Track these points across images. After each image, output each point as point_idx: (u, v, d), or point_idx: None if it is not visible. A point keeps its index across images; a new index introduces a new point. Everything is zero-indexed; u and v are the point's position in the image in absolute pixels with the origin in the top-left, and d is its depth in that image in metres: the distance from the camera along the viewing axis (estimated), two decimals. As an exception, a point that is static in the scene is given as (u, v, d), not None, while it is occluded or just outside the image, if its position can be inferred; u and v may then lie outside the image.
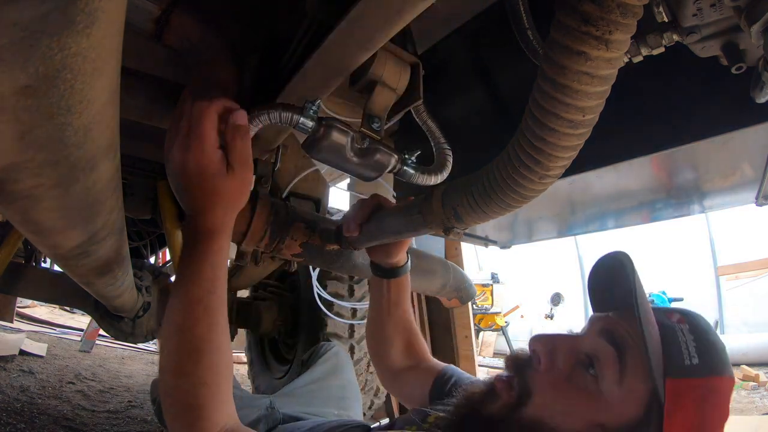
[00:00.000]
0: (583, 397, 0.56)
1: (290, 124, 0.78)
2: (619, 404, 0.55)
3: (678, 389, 0.53)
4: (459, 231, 0.72)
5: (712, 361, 0.55)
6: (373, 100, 0.85)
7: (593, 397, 0.55)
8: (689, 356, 0.54)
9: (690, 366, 0.54)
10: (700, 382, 0.54)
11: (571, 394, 0.56)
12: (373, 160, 0.84)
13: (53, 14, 0.30)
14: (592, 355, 0.57)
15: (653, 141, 0.85)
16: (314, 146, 0.80)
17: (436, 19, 1.13)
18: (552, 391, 0.57)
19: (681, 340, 0.55)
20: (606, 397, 0.55)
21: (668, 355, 0.54)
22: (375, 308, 1.03)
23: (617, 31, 0.46)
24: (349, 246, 0.96)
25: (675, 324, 0.57)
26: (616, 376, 0.55)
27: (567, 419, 0.55)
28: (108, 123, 0.52)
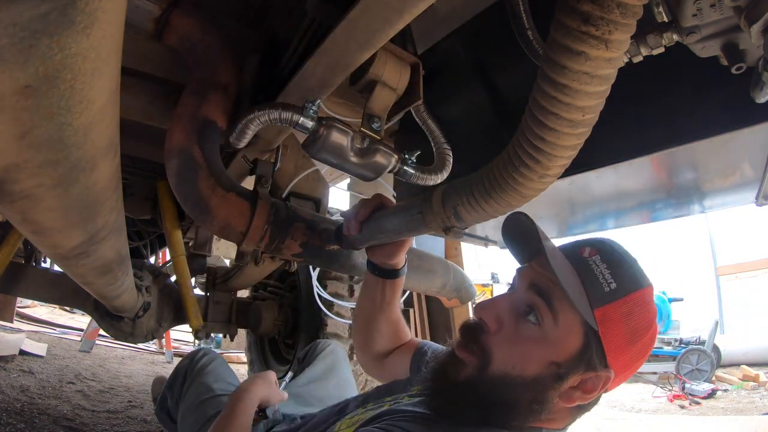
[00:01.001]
0: (532, 343, 0.64)
1: (290, 124, 0.78)
2: (562, 341, 0.62)
3: (605, 315, 0.60)
4: (459, 231, 0.72)
5: (627, 281, 0.62)
6: (373, 100, 0.85)
7: (540, 341, 0.63)
8: (607, 283, 0.61)
9: (609, 292, 0.61)
10: (622, 302, 0.61)
11: (522, 344, 0.64)
12: (373, 160, 0.84)
13: (53, 14, 0.30)
14: (529, 306, 0.65)
15: (653, 141, 0.85)
16: (314, 146, 0.80)
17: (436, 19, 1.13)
18: (507, 347, 0.65)
19: (596, 272, 0.62)
20: (550, 338, 0.63)
21: (588, 288, 0.61)
22: (367, 304, 1.05)
23: (617, 31, 0.46)
24: (349, 246, 0.96)
25: (588, 258, 0.64)
26: (550, 319, 0.63)
27: (526, 365, 0.63)
28: (108, 123, 0.52)
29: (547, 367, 0.62)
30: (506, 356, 0.64)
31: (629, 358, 0.63)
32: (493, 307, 0.68)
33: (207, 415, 1.16)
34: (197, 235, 2.30)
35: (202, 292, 2.41)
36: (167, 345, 4.71)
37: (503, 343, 0.65)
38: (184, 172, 0.94)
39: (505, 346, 0.65)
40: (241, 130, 0.86)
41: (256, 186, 1.06)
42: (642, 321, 0.62)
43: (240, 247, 1.03)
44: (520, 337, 0.64)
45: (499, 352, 0.65)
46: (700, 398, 6.27)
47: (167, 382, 1.46)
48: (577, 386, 0.63)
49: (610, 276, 0.62)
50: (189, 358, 1.45)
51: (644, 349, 0.64)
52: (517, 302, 0.67)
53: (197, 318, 2.01)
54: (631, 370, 0.65)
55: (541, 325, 0.63)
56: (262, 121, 0.81)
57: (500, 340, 0.65)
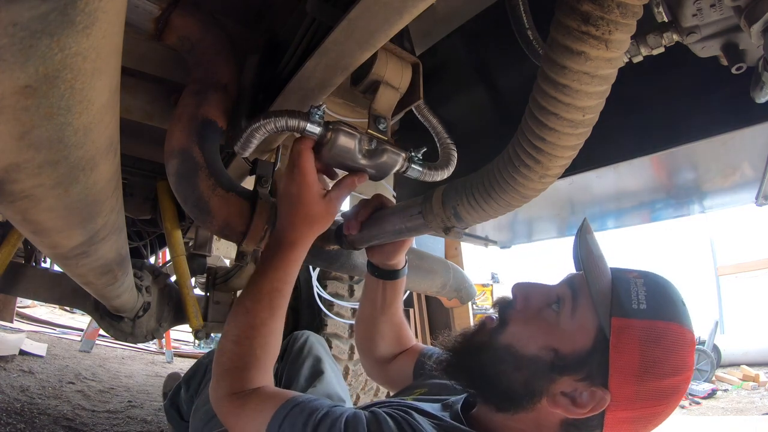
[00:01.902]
0: (544, 326, 0.66)
1: (297, 131, 0.78)
2: (571, 333, 0.63)
3: (622, 327, 0.59)
4: (459, 231, 0.72)
5: (659, 308, 0.61)
6: (377, 101, 0.85)
7: (552, 327, 0.65)
8: (637, 302, 0.61)
9: (636, 309, 0.60)
10: (645, 323, 0.59)
11: (534, 324, 0.67)
12: (382, 160, 0.84)
13: (53, 14, 0.30)
14: (558, 297, 0.67)
15: (653, 141, 0.85)
16: (322, 150, 0.81)
17: (436, 19, 1.13)
18: (522, 323, 0.68)
19: (632, 289, 0.62)
20: (562, 327, 0.64)
21: (616, 299, 0.61)
22: (368, 306, 1.04)
23: (617, 31, 0.46)
24: (349, 246, 0.96)
25: (630, 278, 0.64)
26: (569, 311, 0.65)
27: (528, 343, 0.65)
28: (108, 123, 0.52)
29: (546, 351, 0.64)
30: (517, 330, 0.68)
31: (635, 393, 0.59)
32: (528, 289, 0.71)
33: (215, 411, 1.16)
34: (197, 235, 2.30)
35: (202, 292, 2.41)
36: (167, 345, 4.71)
37: (521, 319, 0.69)
38: (184, 172, 0.94)
39: (521, 322, 0.68)
40: (247, 138, 0.86)
41: (256, 186, 1.06)
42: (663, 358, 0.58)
43: (240, 247, 1.03)
44: (536, 318, 0.67)
45: (513, 326, 0.69)
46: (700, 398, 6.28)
47: (186, 374, 1.47)
48: (567, 393, 0.62)
49: (644, 297, 0.61)
50: (209, 356, 1.46)
51: (659, 396, 0.59)
52: (550, 292, 0.69)
53: (197, 318, 2.02)
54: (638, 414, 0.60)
55: (560, 313, 0.65)
56: (268, 130, 0.81)
57: (520, 317, 0.69)
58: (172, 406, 1.48)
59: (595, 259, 0.66)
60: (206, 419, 1.16)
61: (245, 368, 0.74)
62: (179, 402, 1.46)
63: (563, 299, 0.66)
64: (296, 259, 0.82)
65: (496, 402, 0.68)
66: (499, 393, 0.67)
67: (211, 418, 1.15)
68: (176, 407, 1.47)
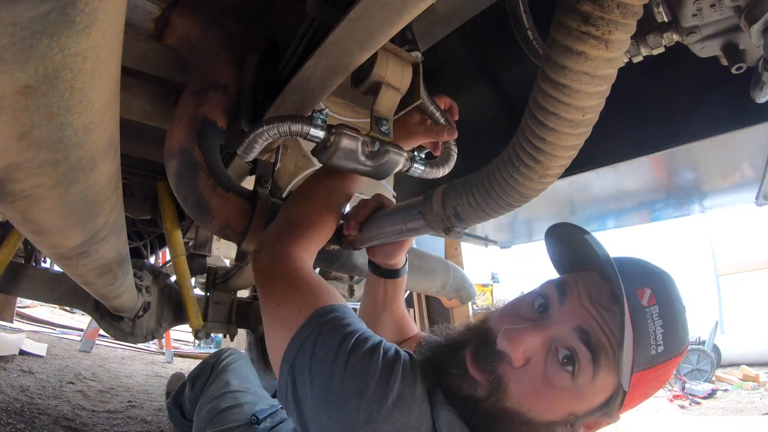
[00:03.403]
0: (559, 392, 0.58)
1: (300, 135, 0.78)
2: (591, 396, 0.59)
3: (640, 379, 0.58)
4: (459, 231, 0.72)
5: (674, 344, 0.59)
6: (379, 102, 0.85)
7: (568, 392, 0.58)
8: (656, 345, 0.57)
9: (655, 355, 0.57)
10: (660, 367, 0.58)
11: (548, 392, 0.59)
12: (384, 161, 0.85)
13: (53, 14, 0.30)
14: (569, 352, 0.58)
15: (653, 141, 0.85)
16: (325, 153, 0.81)
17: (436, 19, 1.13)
18: (529, 388, 0.59)
19: (650, 329, 0.57)
20: (580, 392, 0.59)
21: (637, 348, 0.56)
22: (370, 303, 1.06)
23: (617, 31, 0.46)
24: (349, 246, 0.96)
25: (646, 308, 0.58)
26: (590, 375, 0.58)
27: (544, 412, 0.59)
28: (108, 123, 0.52)
29: (565, 417, 0.60)
30: (525, 397, 0.59)
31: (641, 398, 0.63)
32: (523, 342, 0.60)
33: (219, 408, 1.17)
34: (197, 235, 2.30)
35: (202, 292, 2.41)
36: (167, 345, 4.71)
37: (525, 383, 0.59)
38: (184, 172, 0.94)
39: (527, 387, 0.59)
40: (250, 144, 0.85)
41: (256, 186, 1.06)
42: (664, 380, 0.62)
43: (240, 247, 1.03)
44: (547, 383, 0.59)
45: (516, 389, 0.59)
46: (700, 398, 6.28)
47: (191, 373, 1.47)
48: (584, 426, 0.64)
49: (661, 337, 0.58)
50: (216, 356, 1.47)
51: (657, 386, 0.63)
52: (554, 341, 0.59)
53: (197, 318, 2.01)
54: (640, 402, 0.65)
55: (576, 377, 0.58)
56: (271, 135, 0.81)
57: (522, 378, 0.59)
58: (175, 404, 1.49)
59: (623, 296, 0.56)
60: (209, 417, 1.16)
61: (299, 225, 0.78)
62: (182, 401, 1.47)
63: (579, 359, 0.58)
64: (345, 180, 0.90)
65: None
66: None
67: (214, 416, 1.15)
68: (179, 406, 1.48)
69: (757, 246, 8.24)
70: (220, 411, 1.16)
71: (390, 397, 0.54)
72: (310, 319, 0.60)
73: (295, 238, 0.76)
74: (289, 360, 0.59)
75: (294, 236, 0.76)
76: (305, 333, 0.59)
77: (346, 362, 0.55)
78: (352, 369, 0.55)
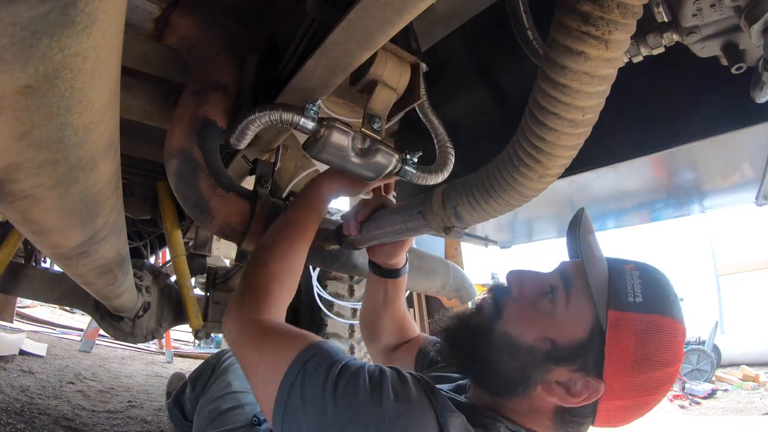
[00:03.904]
0: (540, 316, 0.66)
1: (290, 125, 0.78)
2: (567, 324, 0.64)
3: (618, 320, 0.60)
4: (459, 230, 0.72)
5: (655, 302, 0.62)
6: (373, 100, 0.85)
7: (548, 317, 0.66)
8: (633, 295, 0.62)
9: (632, 302, 0.61)
10: (641, 317, 0.60)
11: (531, 314, 0.67)
12: (374, 160, 0.84)
13: (53, 14, 0.30)
14: (551, 287, 0.68)
15: (653, 141, 0.85)
16: (315, 147, 0.80)
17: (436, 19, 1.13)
18: (518, 311, 0.69)
19: (628, 282, 0.63)
20: (557, 317, 0.65)
21: (612, 291, 0.62)
22: (371, 303, 1.07)
23: (617, 31, 0.46)
24: (349, 246, 0.96)
25: (626, 270, 0.65)
26: (563, 301, 0.65)
27: (526, 332, 0.66)
28: (108, 123, 0.52)
29: (542, 342, 0.64)
30: (514, 318, 0.68)
31: (629, 384, 0.61)
32: (522, 277, 0.71)
33: (220, 409, 1.17)
34: (197, 235, 2.30)
35: (202, 292, 2.41)
36: (167, 345, 4.71)
37: (517, 308, 0.69)
38: (184, 172, 0.94)
39: (517, 310, 0.69)
40: (242, 131, 0.87)
41: (256, 186, 1.06)
42: (658, 351, 0.60)
43: (240, 247, 1.03)
44: (532, 307, 0.68)
45: (509, 313, 0.69)
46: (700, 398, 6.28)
47: (192, 374, 1.47)
48: (562, 382, 0.63)
49: (639, 290, 0.62)
50: (217, 356, 1.47)
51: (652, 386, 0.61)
52: (543, 281, 0.70)
53: (197, 318, 2.02)
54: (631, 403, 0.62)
55: (554, 303, 0.66)
56: (262, 122, 0.81)
57: (515, 305, 0.69)
58: (176, 404, 1.49)
59: (592, 250, 0.67)
60: (210, 418, 1.16)
61: (265, 292, 0.77)
62: (183, 401, 1.47)
63: (556, 288, 0.67)
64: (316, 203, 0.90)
65: (490, 387, 0.69)
66: (494, 379, 0.67)
67: (215, 417, 1.15)
68: (180, 406, 1.48)
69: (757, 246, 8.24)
70: (221, 412, 1.16)
71: (386, 416, 0.55)
72: (291, 367, 0.62)
73: (257, 304, 0.76)
74: (281, 407, 0.61)
75: (255, 302, 0.76)
76: (289, 380, 0.61)
77: (334, 396, 0.58)
78: (341, 400, 0.57)
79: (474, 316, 0.74)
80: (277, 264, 0.81)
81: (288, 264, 0.82)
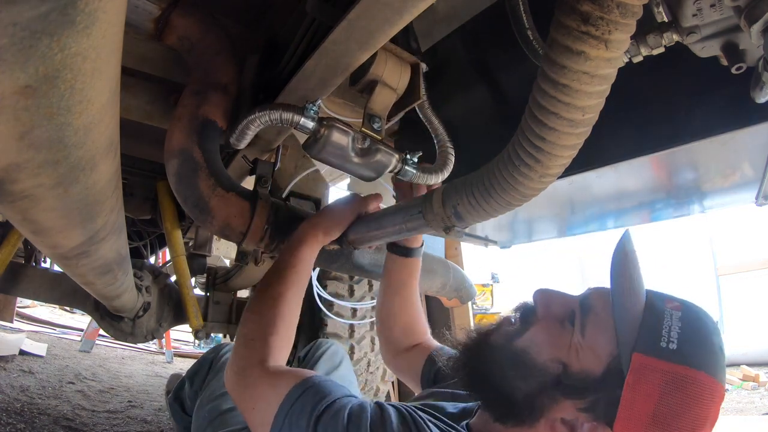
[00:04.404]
0: (558, 338, 0.64)
1: (291, 124, 0.78)
2: (581, 351, 0.61)
3: (643, 366, 0.53)
4: (459, 230, 0.72)
5: (692, 353, 0.54)
6: (373, 100, 0.85)
7: (565, 341, 0.63)
8: (667, 340, 0.54)
9: (664, 349, 0.54)
10: (671, 367, 0.53)
11: (550, 333, 0.65)
12: (374, 159, 0.84)
13: (53, 14, 0.30)
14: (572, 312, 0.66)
15: (653, 141, 0.85)
16: (315, 147, 0.81)
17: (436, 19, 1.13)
18: (540, 330, 0.67)
19: (665, 324, 0.56)
20: (574, 343, 0.62)
21: (644, 331, 0.56)
22: (384, 288, 1.09)
23: (617, 30, 0.46)
24: (349, 246, 0.96)
25: (667, 308, 0.58)
26: (579, 328, 0.63)
27: (541, 351, 0.64)
28: (108, 123, 0.52)
29: (555, 363, 0.62)
30: (534, 336, 0.66)
31: None
32: (549, 297, 0.70)
33: (220, 409, 1.17)
34: (197, 235, 2.30)
35: (202, 292, 2.41)
36: (167, 345, 4.71)
37: (540, 327, 0.67)
38: (184, 172, 0.94)
39: (539, 329, 0.67)
40: (242, 130, 0.87)
41: (256, 186, 1.06)
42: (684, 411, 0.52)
43: (240, 247, 1.03)
44: (552, 328, 0.66)
45: (532, 332, 0.67)
46: (700, 398, 6.25)
47: (190, 370, 1.48)
48: (567, 421, 0.60)
49: (676, 335, 0.55)
50: (215, 351, 1.47)
51: None
52: (570, 304, 0.67)
53: (197, 318, 2.01)
54: None
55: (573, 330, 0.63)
56: (262, 122, 0.81)
57: (540, 324, 0.68)
58: (176, 400, 1.49)
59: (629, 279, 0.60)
60: (210, 418, 1.16)
61: (265, 339, 0.77)
62: (183, 397, 1.47)
63: (575, 315, 0.64)
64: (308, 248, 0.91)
65: (496, 410, 0.67)
66: (501, 401, 0.65)
67: (215, 417, 1.15)
68: (180, 402, 1.48)
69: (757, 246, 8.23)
70: (221, 412, 1.16)
71: None
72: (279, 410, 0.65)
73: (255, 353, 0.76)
74: None
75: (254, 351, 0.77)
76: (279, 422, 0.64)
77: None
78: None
79: (494, 332, 0.72)
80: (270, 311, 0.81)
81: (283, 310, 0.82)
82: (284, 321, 0.81)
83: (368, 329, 2.13)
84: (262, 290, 0.86)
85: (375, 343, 2.14)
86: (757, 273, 8.30)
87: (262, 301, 0.83)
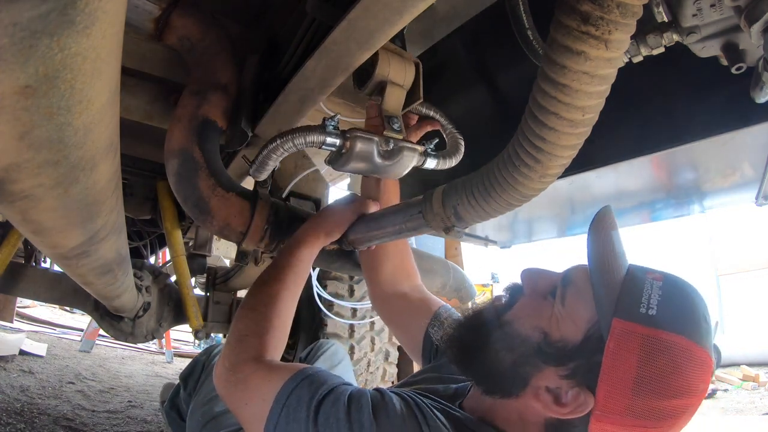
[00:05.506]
0: (540, 310, 0.66)
1: (317, 145, 0.78)
2: (561, 320, 0.63)
3: (623, 331, 0.54)
4: (459, 230, 0.72)
5: (673, 318, 0.55)
6: (386, 101, 0.85)
7: (547, 312, 0.65)
8: (647, 306, 0.55)
9: (644, 314, 0.54)
10: (649, 331, 0.53)
11: (533, 306, 0.68)
12: (400, 158, 0.85)
13: (53, 14, 0.30)
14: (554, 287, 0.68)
15: (653, 141, 0.85)
16: (340, 160, 0.81)
17: (436, 19, 1.13)
18: (524, 305, 0.69)
19: (645, 291, 0.57)
20: (555, 313, 0.64)
21: (623, 298, 0.56)
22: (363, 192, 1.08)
23: (617, 30, 0.46)
24: (349, 246, 0.96)
25: (648, 278, 0.59)
26: (559, 298, 0.64)
27: (524, 322, 0.66)
28: (108, 123, 0.52)
29: (536, 332, 0.64)
30: (518, 309, 0.69)
31: (626, 407, 0.54)
32: (534, 275, 0.72)
33: (213, 412, 1.16)
34: (197, 235, 2.30)
35: (202, 292, 2.41)
36: (167, 345, 4.71)
37: (525, 302, 0.70)
38: (184, 172, 0.94)
39: (523, 303, 0.70)
40: (262, 161, 0.84)
41: (256, 186, 1.06)
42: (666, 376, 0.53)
43: (240, 247, 1.03)
44: (535, 302, 0.68)
45: (517, 306, 0.70)
46: (700, 398, 6.25)
47: (183, 372, 1.47)
48: (551, 389, 0.61)
49: (656, 302, 0.55)
50: (206, 353, 1.46)
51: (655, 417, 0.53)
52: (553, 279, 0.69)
53: (197, 318, 2.02)
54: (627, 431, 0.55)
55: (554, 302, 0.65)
56: (286, 149, 0.79)
57: (525, 300, 0.70)
58: (173, 407, 1.48)
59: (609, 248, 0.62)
60: (203, 421, 1.15)
61: (260, 335, 0.77)
62: (179, 402, 1.47)
63: (557, 288, 0.67)
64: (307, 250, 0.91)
65: (484, 383, 0.68)
66: (489, 375, 0.67)
67: (208, 421, 1.14)
68: (176, 408, 1.47)
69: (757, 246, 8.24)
70: (214, 416, 1.15)
71: None
72: (275, 404, 0.64)
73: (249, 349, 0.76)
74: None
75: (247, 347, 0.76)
76: (273, 420, 0.63)
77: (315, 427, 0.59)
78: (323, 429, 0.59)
79: (485, 309, 0.75)
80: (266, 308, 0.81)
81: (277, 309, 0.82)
82: (280, 320, 0.81)
83: (368, 329, 2.13)
84: (259, 288, 0.85)
85: (375, 343, 2.14)
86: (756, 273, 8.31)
87: (259, 298, 0.83)
